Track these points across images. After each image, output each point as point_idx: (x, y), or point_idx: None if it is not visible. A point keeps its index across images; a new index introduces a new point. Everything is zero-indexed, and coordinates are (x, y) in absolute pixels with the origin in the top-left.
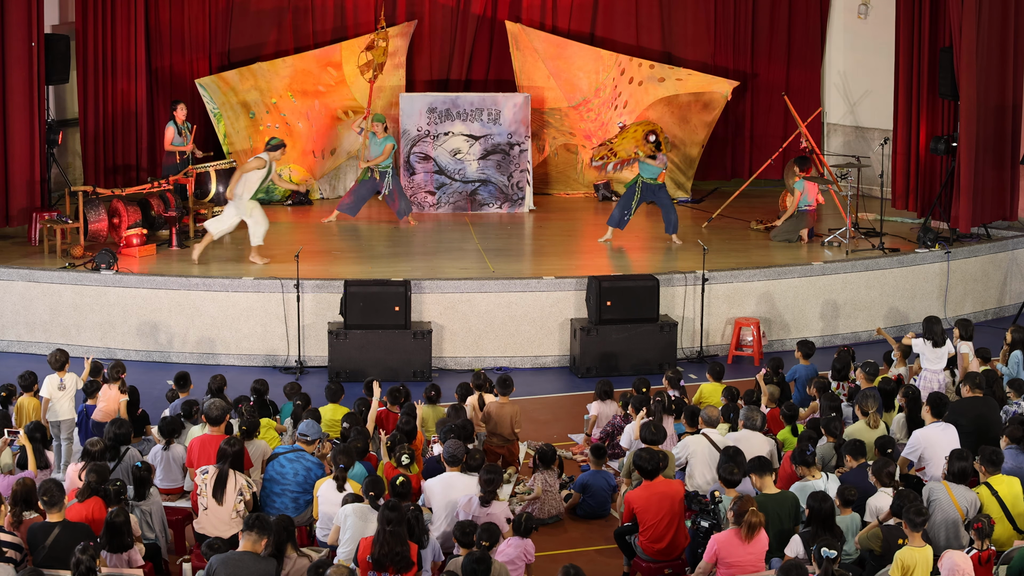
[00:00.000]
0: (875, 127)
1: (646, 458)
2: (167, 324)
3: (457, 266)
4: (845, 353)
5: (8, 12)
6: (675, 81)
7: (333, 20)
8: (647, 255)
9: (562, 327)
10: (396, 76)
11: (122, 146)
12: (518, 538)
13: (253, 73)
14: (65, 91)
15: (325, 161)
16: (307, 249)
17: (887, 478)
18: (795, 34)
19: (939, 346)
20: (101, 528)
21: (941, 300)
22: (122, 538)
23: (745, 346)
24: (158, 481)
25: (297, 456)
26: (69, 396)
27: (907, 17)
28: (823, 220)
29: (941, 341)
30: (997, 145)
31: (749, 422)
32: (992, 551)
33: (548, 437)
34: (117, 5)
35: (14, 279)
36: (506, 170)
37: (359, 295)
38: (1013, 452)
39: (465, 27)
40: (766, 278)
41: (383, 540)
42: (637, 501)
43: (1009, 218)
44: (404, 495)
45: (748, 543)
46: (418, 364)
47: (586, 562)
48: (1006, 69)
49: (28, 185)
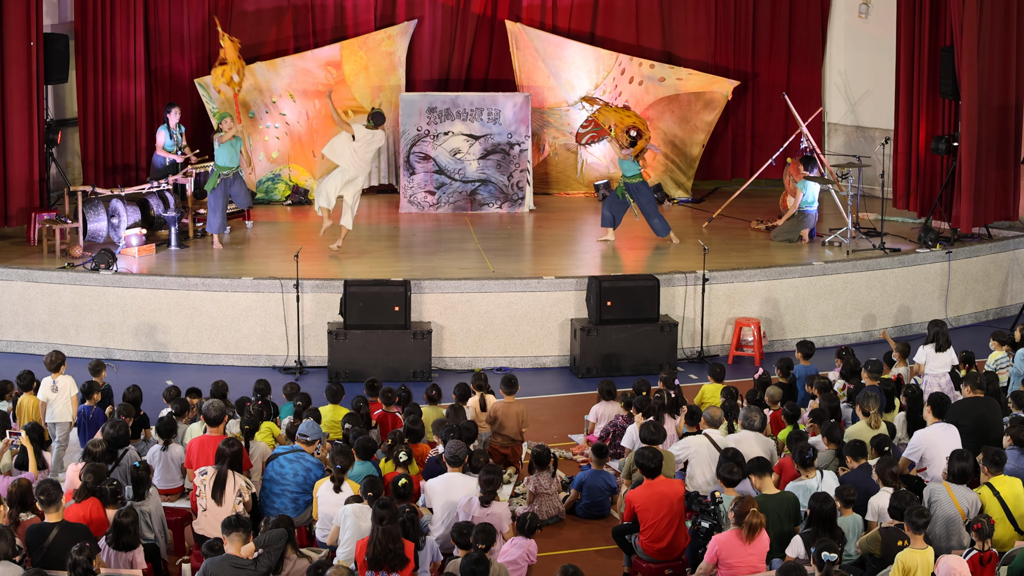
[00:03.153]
0: (876, 127)
1: (649, 456)
2: (166, 324)
3: (457, 266)
4: (849, 353)
5: (7, 11)
6: (675, 81)
7: (333, 20)
8: (647, 255)
9: (562, 327)
10: (396, 76)
11: (121, 146)
12: (522, 538)
13: (253, 73)
14: (64, 91)
15: (325, 161)
16: (307, 249)
17: (890, 477)
18: (796, 34)
19: (942, 350)
20: (99, 529)
21: (942, 300)
22: (127, 537)
23: (746, 346)
24: (156, 481)
25: (297, 456)
26: (64, 399)
27: (908, 16)
28: (823, 220)
29: (945, 345)
30: (998, 145)
31: (748, 422)
32: (993, 552)
33: (548, 437)
34: (116, 5)
35: (13, 279)
36: (506, 170)
37: (359, 295)
38: (1015, 453)
39: (465, 27)
40: (766, 278)
41: (377, 539)
42: (638, 500)
43: (1010, 218)
44: (405, 496)
45: (749, 544)
46: (418, 364)
47: (586, 562)
48: (1008, 68)
49: (27, 185)
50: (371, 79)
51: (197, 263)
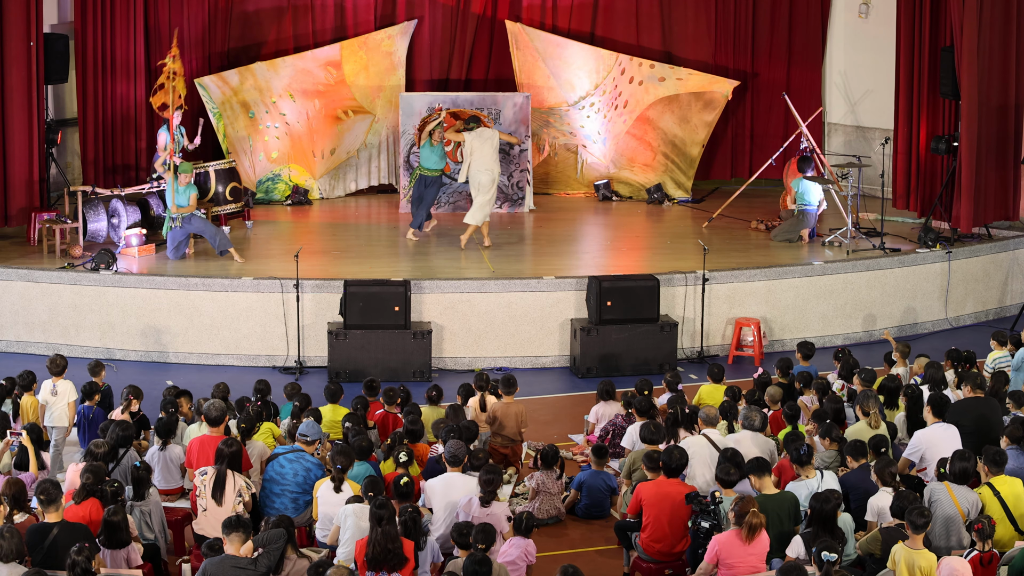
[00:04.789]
0: (876, 127)
1: (676, 456)
2: (166, 324)
3: (457, 266)
4: (847, 354)
5: (7, 11)
6: (675, 81)
7: (333, 20)
8: (647, 255)
9: (562, 327)
10: (396, 76)
11: (121, 146)
12: (520, 538)
13: (253, 73)
14: (64, 91)
15: (325, 161)
16: (307, 249)
17: (889, 477)
18: (796, 33)
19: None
20: (99, 529)
21: (942, 300)
22: (119, 535)
23: (746, 346)
24: (156, 482)
25: (297, 456)
26: (63, 403)
27: (908, 16)
28: (823, 220)
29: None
30: (998, 145)
31: (748, 422)
32: (994, 552)
33: (548, 437)
34: (116, 4)
35: (13, 279)
36: (506, 170)
37: (359, 295)
38: (1014, 453)
39: (465, 27)
40: (767, 278)
41: (376, 539)
42: (647, 493)
43: (1010, 218)
44: (407, 496)
45: (749, 544)
46: (418, 364)
47: (586, 562)
48: (1008, 68)
49: (27, 185)
50: (371, 79)
51: (197, 263)
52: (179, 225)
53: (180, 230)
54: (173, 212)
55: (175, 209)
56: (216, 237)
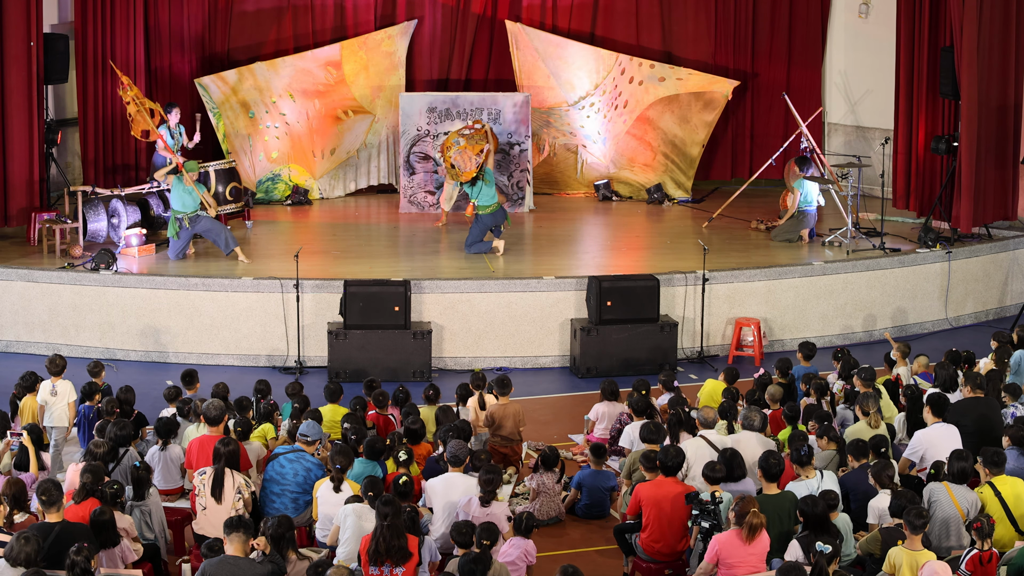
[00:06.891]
0: (876, 127)
1: (672, 454)
2: (166, 324)
3: (457, 266)
4: (846, 354)
5: (7, 11)
6: (675, 81)
7: (333, 20)
8: (647, 255)
9: (562, 327)
10: (396, 76)
11: (121, 146)
12: (519, 538)
13: (253, 73)
14: (64, 91)
15: (325, 161)
16: (307, 249)
17: (887, 480)
18: (796, 33)
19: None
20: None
21: (942, 300)
22: (107, 533)
23: (746, 346)
24: (155, 482)
25: (297, 456)
26: (62, 404)
27: (908, 16)
28: (823, 220)
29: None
30: (998, 145)
31: (748, 422)
32: (993, 552)
33: (548, 437)
34: (116, 4)
35: (13, 279)
36: (506, 170)
37: (359, 295)
38: (1015, 453)
39: (465, 27)
40: (767, 278)
41: (381, 535)
42: (646, 494)
43: (1010, 218)
44: (406, 495)
45: (749, 544)
46: (418, 364)
47: (586, 563)
48: (1007, 68)
49: (27, 185)
50: (371, 79)
51: (197, 263)
52: (187, 225)
53: (188, 231)
54: (178, 213)
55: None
56: (223, 236)
